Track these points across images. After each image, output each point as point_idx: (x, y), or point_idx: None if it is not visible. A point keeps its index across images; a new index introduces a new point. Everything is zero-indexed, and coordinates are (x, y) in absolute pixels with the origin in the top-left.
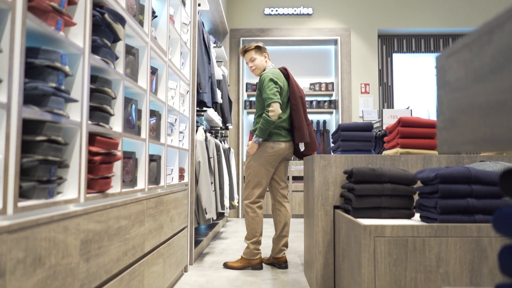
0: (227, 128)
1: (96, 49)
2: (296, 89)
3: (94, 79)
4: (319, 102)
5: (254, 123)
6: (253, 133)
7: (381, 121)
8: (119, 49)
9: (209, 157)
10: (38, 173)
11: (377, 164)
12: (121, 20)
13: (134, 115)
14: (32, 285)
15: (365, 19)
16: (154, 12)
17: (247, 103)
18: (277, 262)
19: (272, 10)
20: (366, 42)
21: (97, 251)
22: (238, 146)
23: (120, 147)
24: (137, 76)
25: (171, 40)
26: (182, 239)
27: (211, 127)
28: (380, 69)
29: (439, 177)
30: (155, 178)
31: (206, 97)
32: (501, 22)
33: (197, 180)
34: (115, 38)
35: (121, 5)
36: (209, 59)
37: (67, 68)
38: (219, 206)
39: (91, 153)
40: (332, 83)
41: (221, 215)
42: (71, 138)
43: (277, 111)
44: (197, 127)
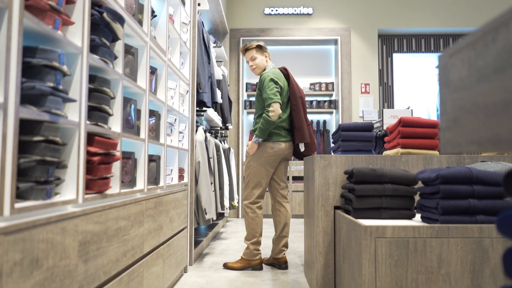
0: (227, 128)
1: (94, 48)
2: (296, 89)
3: (92, 78)
4: (319, 102)
5: (254, 123)
6: (253, 133)
7: (382, 121)
8: (118, 48)
9: (209, 157)
10: (35, 174)
11: (377, 164)
12: (120, 19)
13: (133, 115)
14: None
15: (365, 19)
16: (154, 12)
17: (247, 103)
18: (277, 262)
19: (272, 10)
20: (366, 42)
21: (96, 252)
22: (238, 146)
23: (119, 147)
24: (136, 76)
25: (171, 39)
26: (181, 239)
27: (211, 127)
28: (380, 69)
29: (440, 177)
30: (154, 178)
31: (206, 97)
32: (506, 20)
33: (196, 180)
34: (114, 38)
35: (120, 4)
36: (209, 59)
37: (65, 68)
38: (219, 207)
39: (89, 154)
40: (332, 83)
41: (221, 216)
42: (69, 138)
43: (277, 111)
44: (197, 127)
